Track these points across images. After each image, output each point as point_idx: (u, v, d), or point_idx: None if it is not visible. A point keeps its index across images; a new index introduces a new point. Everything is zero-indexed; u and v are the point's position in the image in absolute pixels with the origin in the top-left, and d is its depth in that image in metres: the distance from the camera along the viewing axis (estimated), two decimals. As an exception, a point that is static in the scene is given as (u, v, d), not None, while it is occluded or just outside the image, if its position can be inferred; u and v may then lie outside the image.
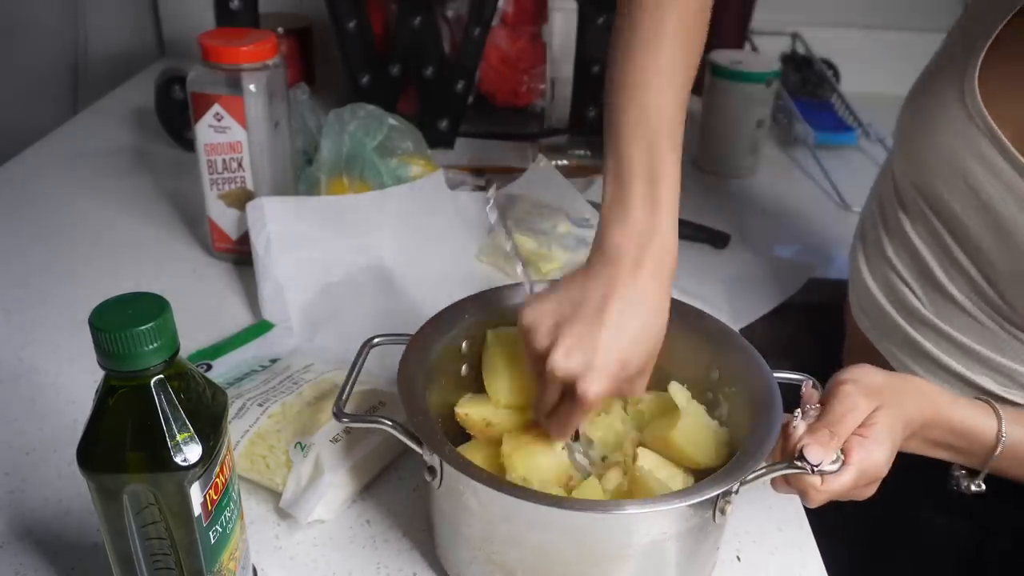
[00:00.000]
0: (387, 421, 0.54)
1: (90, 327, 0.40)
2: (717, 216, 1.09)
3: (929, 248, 0.70)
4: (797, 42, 1.52)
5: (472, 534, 0.54)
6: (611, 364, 0.53)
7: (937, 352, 0.70)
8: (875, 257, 0.77)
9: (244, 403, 0.66)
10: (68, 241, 0.97)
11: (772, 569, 0.61)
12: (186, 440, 0.43)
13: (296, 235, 0.87)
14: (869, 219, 0.79)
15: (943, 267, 0.69)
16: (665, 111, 0.57)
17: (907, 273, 0.73)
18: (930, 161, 0.67)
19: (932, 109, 0.68)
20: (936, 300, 0.70)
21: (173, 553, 0.45)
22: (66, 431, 0.69)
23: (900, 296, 0.73)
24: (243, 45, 0.84)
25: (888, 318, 0.74)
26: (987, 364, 0.68)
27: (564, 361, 0.53)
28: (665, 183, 0.56)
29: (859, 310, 0.79)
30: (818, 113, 1.37)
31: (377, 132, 0.96)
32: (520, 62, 1.32)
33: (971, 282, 0.67)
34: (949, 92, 0.66)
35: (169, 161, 1.17)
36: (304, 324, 0.82)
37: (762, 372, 0.58)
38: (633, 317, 0.54)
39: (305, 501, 0.60)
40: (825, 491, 0.53)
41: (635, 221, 0.55)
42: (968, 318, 0.68)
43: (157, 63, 1.52)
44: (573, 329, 0.53)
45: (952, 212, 0.66)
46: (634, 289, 0.54)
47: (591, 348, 0.52)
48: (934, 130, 0.67)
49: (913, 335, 0.72)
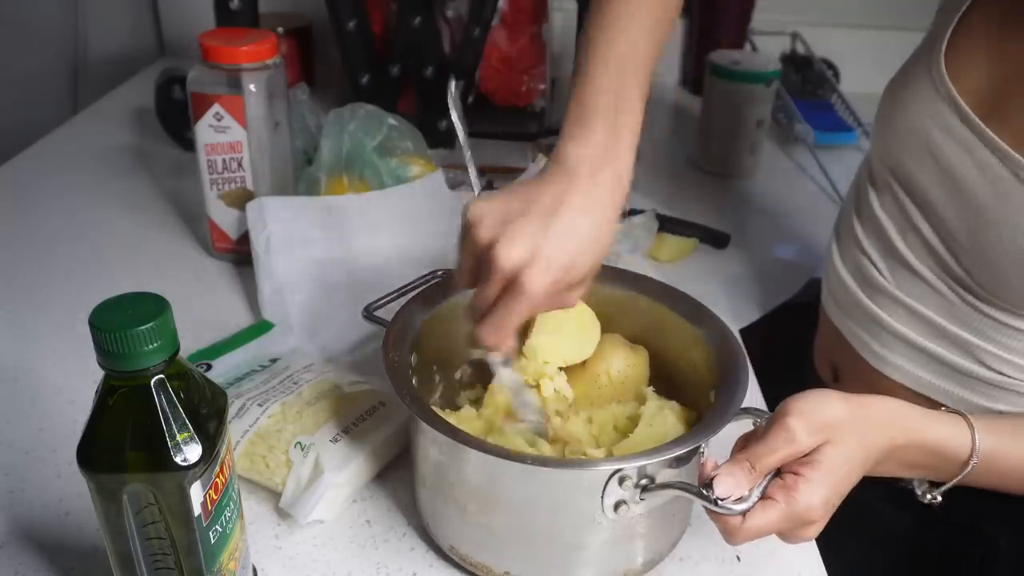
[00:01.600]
0: None
1: (90, 327, 0.40)
2: (717, 216, 1.10)
3: (893, 221, 0.72)
4: (797, 42, 1.52)
5: (456, 496, 0.55)
6: (559, 259, 0.53)
7: (895, 323, 0.71)
8: (846, 242, 0.78)
9: (244, 403, 0.66)
10: (68, 241, 0.97)
11: (772, 569, 0.61)
12: (186, 440, 0.43)
13: (296, 235, 0.87)
14: (845, 211, 0.81)
15: (905, 238, 0.71)
16: (637, 47, 0.60)
17: (872, 249, 0.74)
18: (898, 135, 0.70)
19: (903, 88, 0.70)
20: (897, 271, 0.71)
21: (173, 553, 0.45)
22: (66, 431, 0.69)
23: (865, 272, 0.74)
24: (243, 45, 0.84)
25: (852, 296, 0.75)
26: (944, 334, 0.68)
27: (508, 249, 0.53)
28: (628, 113, 0.58)
29: (828, 297, 0.81)
30: (818, 113, 1.37)
31: (377, 132, 0.96)
32: (520, 62, 1.32)
33: (932, 252, 0.68)
34: (920, 70, 0.69)
35: (169, 161, 1.17)
36: (304, 324, 0.82)
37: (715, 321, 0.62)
38: (585, 221, 0.55)
39: (305, 501, 0.60)
40: (746, 530, 0.49)
41: (596, 142, 0.57)
42: (927, 288, 0.69)
43: (157, 63, 1.52)
44: (522, 222, 0.54)
45: (917, 183, 0.68)
46: (588, 197, 0.56)
47: (541, 238, 0.53)
48: (904, 105, 0.69)
49: (874, 309, 0.73)
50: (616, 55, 0.60)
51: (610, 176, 0.57)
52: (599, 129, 0.58)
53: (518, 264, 0.53)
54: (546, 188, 0.56)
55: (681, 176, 1.24)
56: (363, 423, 0.66)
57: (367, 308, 0.65)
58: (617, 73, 0.59)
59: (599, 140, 0.57)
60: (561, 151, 0.58)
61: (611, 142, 0.57)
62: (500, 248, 0.53)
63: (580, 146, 0.57)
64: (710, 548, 0.62)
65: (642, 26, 0.61)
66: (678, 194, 1.16)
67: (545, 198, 0.55)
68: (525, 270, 0.53)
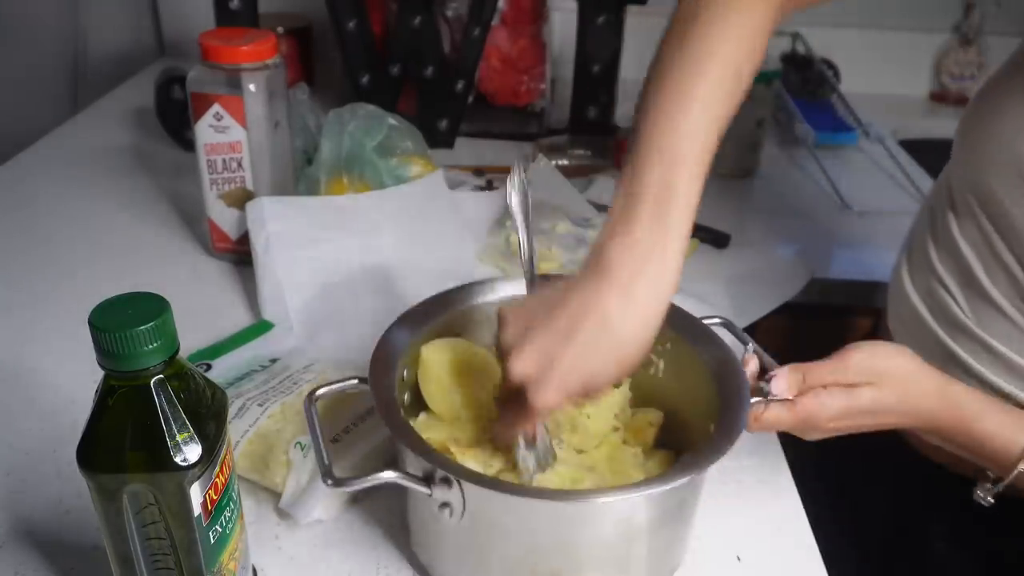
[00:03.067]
0: (391, 473, 0.51)
1: (90, 327, 0.40)
2: (717, 216, 1.09)
3: (974, 248, 0.68)
4: (797, 42, 1.52)
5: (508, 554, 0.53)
6: (569, 382, 0.50)
7: (974, 362, 0.68)
8: (919, 265, 0.75)
9: (244, 403, 0.66)
10: (68, 241, 0.97)
11: (772, 569, 0.61)
12: (186, 440, 0.43)
13: (296, 235, 0.87)
14: (918, 230, 0.78)
15: (987, 268, 0.67)
16: (699, 131, 0.52)
17: (949, 278, 0.71)
18: (987, 155, 0.66)
19: (994, 107, 0.67)
20: (977, 305, 0.68)
21: (173, 553, 0.45)
22: (66, 431, 0.68)
23: (941, 303, 0.71)
24: (243, 45, 0.84)
25: (925, 327, 0.72)
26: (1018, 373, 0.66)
27: (519, 366, 0.50)
28: (679, 207, 0.51)
29: (898, 322, 0.77)
30: (818, 113, 1.37)
31: (377, 132, 0.96)
32: (520, 62, 1.32)
33: (1014, 283, 0.65)
34: (1012, 88, 0.65)
35: (169, 161, 1.17)
36: (304, 324, 0.82)
37: (718, 344, 0.61)
38: (612, 334, 0.50)
39: (305, 501, 0.60)
40: (764, 420, 0.55)
41: (637, 240, 0.50)
42: (1009, 325, 0.66)
43: (157, 63, 1.52)
44: (538, 337, 0.50)
45: (1002, 206, 0.65)
46: (620, 308, 0.50)
47: (549, 360, 0.49)
48: (994, 124, 0.66)
49: (950, 344, 0.70)
50: (673, 141, 0.51)
51: (651, 281, 0.50)
52: (644, 225, 0.50)
53: (525, 380, 0.50)
54: (572, 295, 0.51)
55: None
56: (363, 423, 0.66)
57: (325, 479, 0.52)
58: (670, 166, 0.51)
59: (641, 238, 0.50)
60: (600, 251, 0.51)
61: (656, 239, 0.50)
62: (512, 361, 0.51)
63: (619, 246, 0.50)
64: (710, 548, 0.62)
65: (708, 103, 0.52)
66: (678, 194, 1.16)
67: (568, 310, 0.50)
68: (531, 386, 0.50)
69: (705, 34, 0.52)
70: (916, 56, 1.58)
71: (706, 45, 0.52)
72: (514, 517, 0.51)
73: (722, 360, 0.59)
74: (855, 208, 1.15)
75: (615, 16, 1.14)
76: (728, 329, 0.64)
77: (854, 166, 1.29)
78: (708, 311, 0.85)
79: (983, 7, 1.52)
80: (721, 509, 0.64)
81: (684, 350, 0.62)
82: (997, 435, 0.58)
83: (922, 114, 1.55)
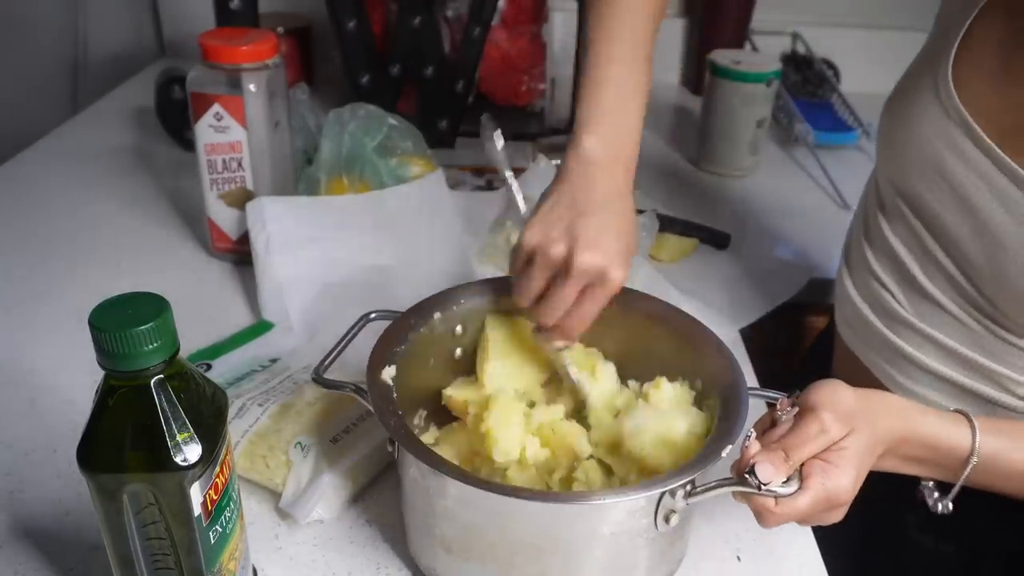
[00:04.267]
0: (352, 384, 0.57)
1: (90, 327, 0.40)
2: (717, 216, 1.10)
3: (908, 248, 0.70)
4: (797, 42, 1.52)
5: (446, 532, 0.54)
6: (627, 249, 0.60)
7: (920, 355, 0.69)
8: (858, 268, 0.76)
9: (244, 403, 0.66)
10: (68, 241, 0.97)
11: (772, 569, 0.61)
12: (186, 440, 0.43)
13: (296, 235, 0.87)
14: (855, 233, 0.79)
15: (922, 266, 0.68)
16: (639, 31, 0.65)
17: (887, 277, 0.72)
18: (907, 157, 0.67)
19: (908, 106, 0.68)
20: (916, 301, 0.69)
21: (173, 553, 0.45)
22: (66, 431, 0.69)
23: (882, 302, 0.72)
24: (243, 45, 0.84)
25: (870, 326, 0.73)
26: (973, 367, 0.66)
27: (590, 256, 0.58)
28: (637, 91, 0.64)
29: (844, 324, 0.78)
30: (818, 113, 1.37)
31: (377, 132, 0.96)
32: (520, 62, 1.32)
33: (950, 279, 0.66)
34: (924, 88, 0.66)
35: (169, 161, 1.17)
36: (304, 324, 0.82)
37: (738, 383, 0.58)
38: (622, 207, 0.62)
39: (305, 501, 0.60)
40: (780, 514, 0.51)
41: (608, 124, 0.62)
42: (949, 318, 0.67)
43: (157, 63, 1.52)
44: (587, 224, 0.59)
45: (929, 208, 0.66)
46: (613, 183, 0.62)
47: (612, 236, 0.60)
48: (910, 126, 0.67)
49: (895, 340, 0.71)
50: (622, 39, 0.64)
51: (623, 156, 0.63)
52: (610, 109, 0.62)
53: (602, 266, 0.59)
54: (580, 184, 0.62)
55: (681, 176, 1.24)
56: (363, 423, 0.66)
57: (316, 371, 0.60)
58: (625, 60, 0.64)
59: (610, 121, 0.62)
60: (577, 140, 0.62)
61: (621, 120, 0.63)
62: (580, 258, 0.59)
63: (593, 132, 0.62)
64: (710, 548, 0.62)
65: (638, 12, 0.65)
66: (678, 194, 1.16)
67: (590, 196, 0.61)
68: (609, 269, 0.59)
69: None
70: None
71: None
72: (487, 512, 0.51)
73: (723, 369, 0.59)
74: (855, 208, 1.15)
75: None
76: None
77: (854, 166, 1.28)
78: (709, 314, 0.86)
79: (983, 7, 1.52)
80: (721, 509, 0.64)
81: (686, 357, 0.63)
82: (945, 434, 0.57)
83: (922, 114, 1.55)
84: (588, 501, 0.51)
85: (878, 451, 0.55)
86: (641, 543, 0.53)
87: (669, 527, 0.52)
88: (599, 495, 0.51)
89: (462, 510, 0.52)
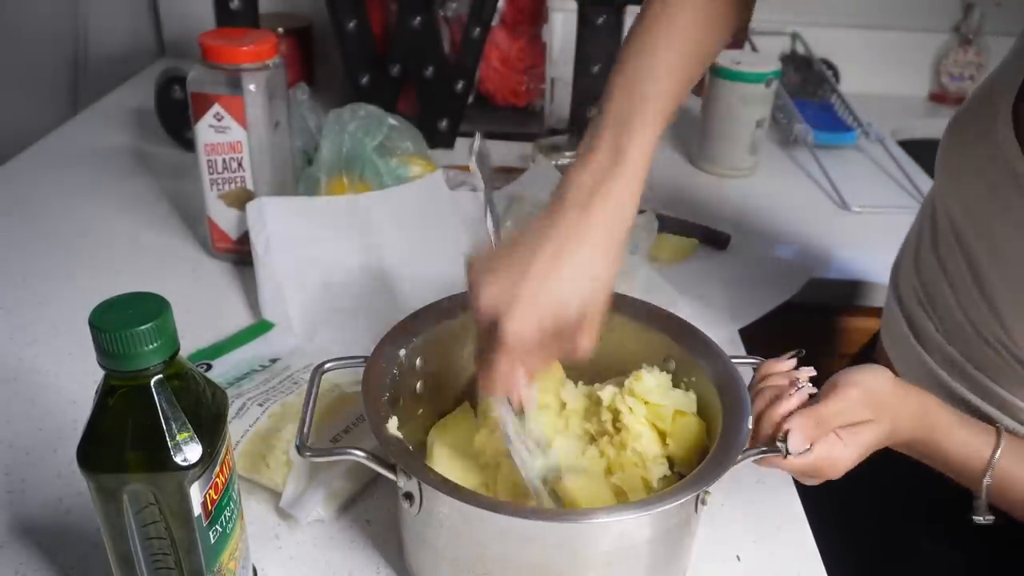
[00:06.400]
0: (358, 452, 0.52)
1: (90, 327, 0.40)
2: (717, 216, 1.10)
3: (947, 276, 0.68)
4: (797, 42, 1.52)
5: (459, 556, 0.53)
6: (538, 304, 0.49)
7: (953, 383, 0.68)
8: (906, 292, 0.75)
9: (244, 403, 0.66)
10: (68, 241, 0.97)
11: (772, 569, 0.61)
12: (186, 440, 0.43)
13: (296, 235, 0.87)
14: (905, 253, 0.78)
15: (957, 296, 0.67)
16: (658, 76, 0.57)
17: (927, 302, 0.71)
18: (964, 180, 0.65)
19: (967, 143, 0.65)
20: (952, 330, 0.68)
21: (173, 553, 0.45)
22: (66, 431, 0.69)
23: (919, 328, 0.71)
24: (243, 45, 0.84)
25: (912, 350, 0.72)
26: (994, 398, 0.65)
27: (485, 298, 0.50)
28: (637, 136, 0.54)
29: (888, 341, 0.78)
30: (818, 113, 1.37)
31: (377, 132, 0.96)
32: (520, 62, 1.32)
33: (982, 316, 0.65)
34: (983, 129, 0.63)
35: (169, 161, 1.17)
36: (304, 324, 0.82)
37: (719, 356, 0.59)
38: (571, 259, 0.51)
39: (305, 501, 0.60)
40: (777, 464, 0.53)
41: (596, 165, 0.53)
42: (983, 351, 0.65)
43: (157, 63, 1.52)
44: (501, 268, 0.51)
45: (971, 246, 0.65)
46: (576, 232, 0.51)
47: (514, 283, 0.49)
48: (968, 159, 0.65)
49: (930, 364, 0.70)
50: (636, 81, 0.56)
51: (606, 206, 0.52)
52: (602, 149, 0.54)
53: (493, 312, 0.50)
54: (534, 227, 0.52)
55: (681, 176, 1.24)
56: (363, 423, 0.66)
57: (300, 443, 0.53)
58: (628, 98, 0.56)
59: (599, 161, 0.53)
60: (563, 179, 0.54)
61: (612, 165, 0.53)
62: (477, 299, 0.50)
63: (579, 172, 0.54)
64: (710, 548, 0.62)
65: (660, 61, 0.58)
66: (678, 194, 1.16)
67: (529, 240, 0.51)
68: (501, 319, 0.49)
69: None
70: (915, 56, 1.58)
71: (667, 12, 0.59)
72: (464, 518, 0.50)
73: (724, 375, 0.59)
74: (854, 208, 1.15)
75: (615, 16, 1.14)
76: None
77: (853, 166, 1.29)
78: (709, 313, 0.86)
79: (983, 7, 1.52)
80: (721, 509, 0.64)
81: (687, 363, 0.62)
82: (963, 452, 0.58)
83: (921, 114, 1.55)
84: (645, 509, 0.49)
85: (888, 443, 0.56)
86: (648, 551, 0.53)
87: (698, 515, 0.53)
88: (634, 508, 0.50)
89: (473, 534, 0.51)
